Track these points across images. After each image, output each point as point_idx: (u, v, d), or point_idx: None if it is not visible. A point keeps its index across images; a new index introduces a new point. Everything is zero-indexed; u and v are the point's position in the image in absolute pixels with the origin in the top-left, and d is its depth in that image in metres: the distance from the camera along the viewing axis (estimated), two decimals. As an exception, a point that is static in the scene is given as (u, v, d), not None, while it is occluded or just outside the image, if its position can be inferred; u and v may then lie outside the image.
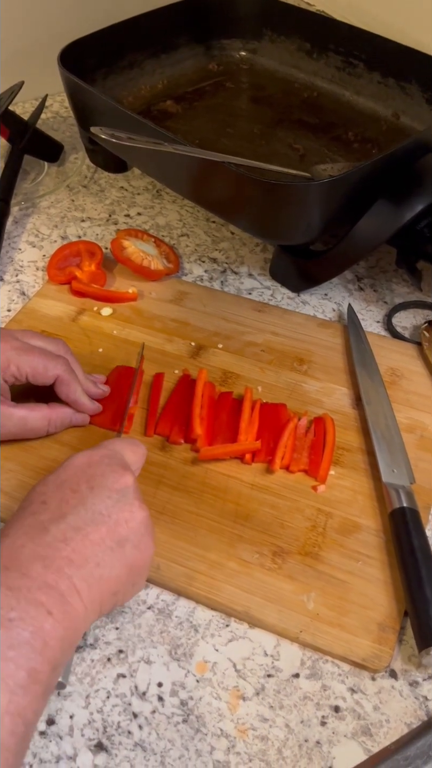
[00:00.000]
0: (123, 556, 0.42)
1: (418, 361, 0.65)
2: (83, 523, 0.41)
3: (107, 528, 0.42)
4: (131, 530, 0.43)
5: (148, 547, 0.44)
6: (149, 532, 0.44)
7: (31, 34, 0.91)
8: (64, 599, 0.38)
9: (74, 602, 0.39)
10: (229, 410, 0.60)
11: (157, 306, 0.70)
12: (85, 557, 0.40)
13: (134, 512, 0.43)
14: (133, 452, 0.48)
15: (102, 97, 0.70)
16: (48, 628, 0.37)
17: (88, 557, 0.40)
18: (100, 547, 0.41)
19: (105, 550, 0.41)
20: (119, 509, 0.43)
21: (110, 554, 0.41)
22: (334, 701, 0.46)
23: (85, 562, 0.40)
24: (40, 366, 0.55)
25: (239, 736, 0.44)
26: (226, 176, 0.61)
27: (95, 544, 0.41)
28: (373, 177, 0.62)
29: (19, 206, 0.82)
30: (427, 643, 0.46)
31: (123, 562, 0.42)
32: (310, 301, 0.72)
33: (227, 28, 0.90)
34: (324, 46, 0.85)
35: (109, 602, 0.42)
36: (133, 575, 0.43)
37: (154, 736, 0.44)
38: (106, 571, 0.41)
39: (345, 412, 0.61)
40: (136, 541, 0.43)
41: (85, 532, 0.41)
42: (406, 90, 0.80)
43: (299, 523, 0.54)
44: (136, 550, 0.43)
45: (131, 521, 0.43)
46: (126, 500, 0.43)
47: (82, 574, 0.39)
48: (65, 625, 0.38)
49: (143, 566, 0.44)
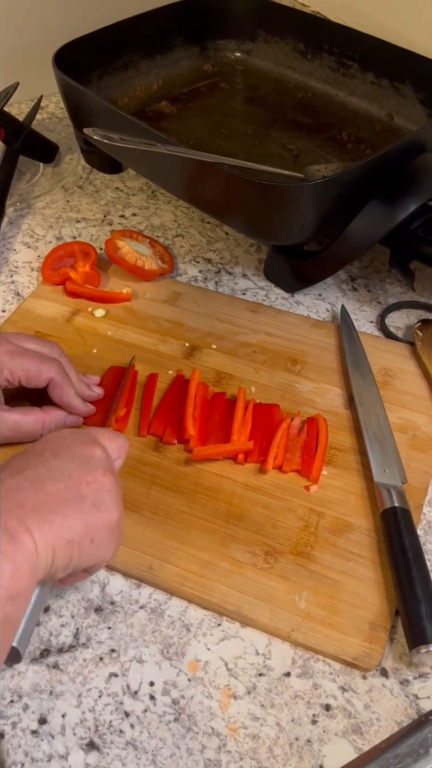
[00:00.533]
0: (79, 508, 0.42)
1: (410, 361, 0.66)
2: (39, 477, 0.42)
3: (65, 484, 0.42)
4: (91, 490, 0.43)
5: (109, 509, 0.43)
6: (114, 498, 0.44)
7: (26, 35, 0.91)
8: (13, 537, 0.38)
9: (24, 540, 0.38)
10: (223, 410, 0.60)
11: (151, 306, 0.70)
12: (38, 502, 0.40)
13: (97, 477, 0.43)
14: (110, 439, 0.48)
15: (96, 98, 0.70)
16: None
17: (40, 503, 0.40)
18: (55, 497, 0.41)
19: (60, 501, 0.41)
20: (81, 472, 0.43)
21: (65, 505, 0.41)
22: (325, 700, 0.46)
23: (37, 507, 0.40)
24: (34, 369, 0.55)
25: (230, 734, 0.45)
26: (219, 177, 0.61)
27: (50, 494, 0.41)
28: (367, 177, 0.62)
29: (14, 207, 0.82)
30: (417, 641, 0.46)
31: (79, 514, 0.41)
32: (304, 301, 0.72)
33: (222, 29, 0.90)
34: (318, 46, 0.85)
35: (63, 551, 0.41)
36: (91, 530, 0.42)
37: (146, 735, 0.44)
38: (58, 518, 0.40)
39: (338, 412, 0.61)
40: (96, 501, 0.42)
41: (41, 484, 0.41)
42: (399, 91, 0.80)
43: (291, 522, 0.54)
44: (95, 508, 0.42)
45: (93, 483, 0.43)
46: (89, 466, 0.43)
47: (33, 516, 0.40)
48: (16, 561, 0.38)
49: (103, 526, 0.43)
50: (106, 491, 0.43)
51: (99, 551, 0.43)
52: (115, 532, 0.44)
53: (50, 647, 0.48)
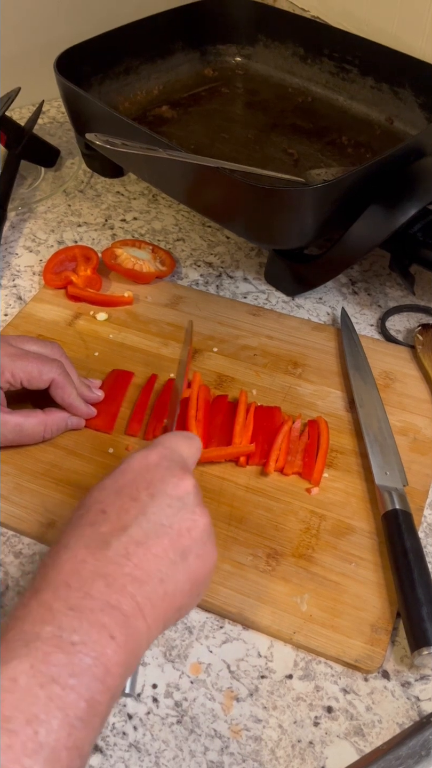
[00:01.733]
0: (186, 568, 0.40)
1: (411, 364, 0.66)
2: (145, 535, 0.39)
3: (170, 539, 0.39)
4: (193, 540, 0.40)
5: (210, 554, 0.41)
6: (211, 538, 0.42)
7: (28, 40, 0.92)
8: (127, 621, 0.36)
9: (137, 623, 0.36)
10: (224, 413, 0.61)
11: (152, 310, 0.70)
12: (149, 573, 0.38)
13: (196, 520, 0.41)
14: (189, 446, 0.45)
15: (97, 102, 0.71)
16: (110, 654, 0.34)
17: (151, 573, 0.38)
18: (164, 560, 0.39)
19: (168, 564, 0.39)
20: (181, 518, 0.40)
21: (174, 568, 0.39)
22: (327, 702, 0.46)
23: (149, 579, 0.38)
24: (35, 371, 0.55)
25: (233, 736, 0.45)
26: (220, 182, 0.62)
27: (158, 557, 0.39)
28: (367, 181, 0.63)
29: (16, 211, 0.82)
30: (419, 644, 0.46)
31: (187, 576, 0.40)
32: (305, 304, 0.72)
33: (222, 34, 0.90)
34: (318, 51, 0.85)
35: (172, 618, 0.39)
36: (197, 586, 0.41)
37: (149, 737, 0.45)
38: (170, 587, 0.38)
39: (339, 415, 0.62)
40: (200, 551, 0.41)
41: (147, 546, 0.39)
42: (399, 95, 0.80)
43: (293, 525, 0.54)
44: (199, 560, 0.40)
45: (193, 530, 0.41)
46: (187, 508, 0.41)
47: (146, 591, 0.37)
48: (128, 648, 0.35)
49: (207, 575, 0.41)
50: (206, 534, 0.41)
51: (199, 600, 0.42)
52: (212, 572, 0.42)
53: (53, 650, 0.48)
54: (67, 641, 0.34)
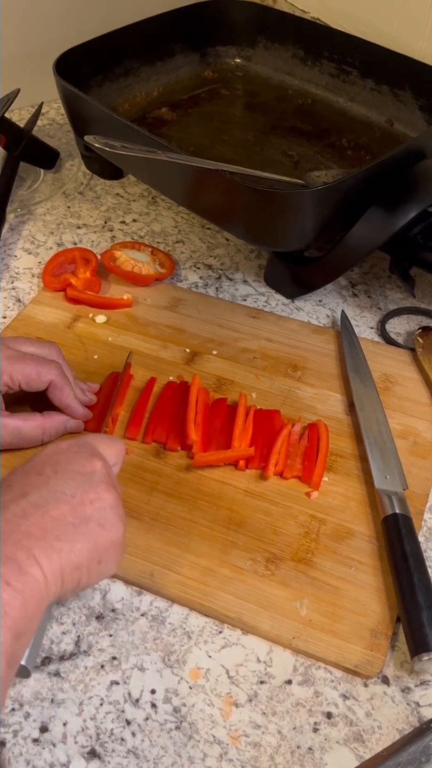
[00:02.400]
0: (86, 531, 0.41)
1: (411, 367, 0.66)
2: (44, 501, 0.41)
3: (69, 506, 0.41)
4: (95, 509, 0.42)
5: (114, 527, 0.43)
6: (117, 514, 0.44)
7: (27, 42, 0.92)
8: (22, 569, 0.38)
9: (33, 572, 0.38)
10: (223, 416, 0.60)
11: (151, 312, 0.70)
12: (45, 530, 0.40)
13: (99, 494, 0.43)
14: (109, 446, 0.47)
15: (96, 104, 0.70)
16: (6, 599, 0.37)
17: (47, 530, 0.40)
18: (61, 521, 0.41)
19: (66, 525, 0.41)
20: (84, 490, 0.43)
21: (72, 529, 0.41)
22: (327, 707, 0.46)
23: (45, 535, 0.40)
24: (33, 372, 0.55)
25: (232, 742, 0.44)
26: (220, 184, 0.62)
27: (56, 519, 0.41)
28: (367, 184, 0.63)
29: (15, 213, 0.82)
30: (419, 649, 0.46)
31: (86, 537, 0.41)
32: (305, 307, 0.72)
33: (222, 36, 0.90)
34: (318, 53, 0.85)
35: (72, 576, 0.41)
36: (98, 552, 0.42)
37: (147, 743, 0.44)
38: (66, 545, 0.40)
39: (339, 418, 0.61)
40: (101, 520, 0.42)
41: (46, 509, 0.41)
42: (399, 97, 0.80)
43: (292, 529, 0.54)
44: (101, 527, 0.42)
45: (96, 501, 0.43)
46: (91, 483, 0.43)
47: (41, 545, 0.39)
48: (25, 595, 0.38)
49: (109, 545, 0.43)
50: (110, 507, 0.43)
51: (106, 570, 0.43)
52: (120, 547, 0.44)
53: (51, 655, 0.48)
54: None
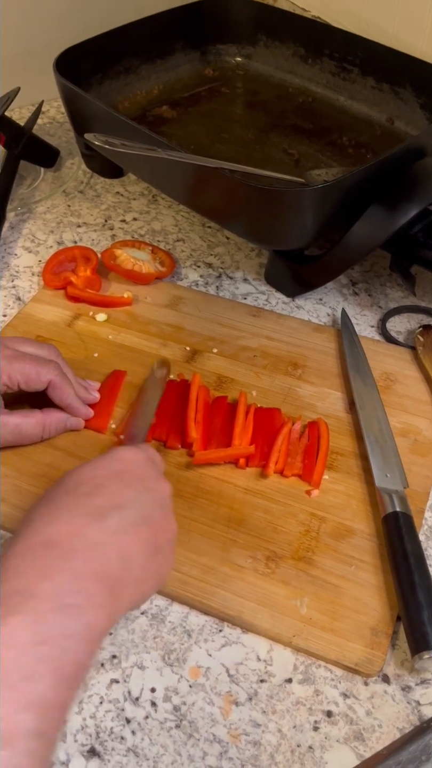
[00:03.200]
0: (155, 562, 0.42)
1: (412, 366, 0.66)
2: (135, 519, 0.41)
3: (152, 531, 0.42)
4: (166, 540, 0.44)
5: (170, 559, 0.44)
6: (174, 545, 0.45)
7: (28, 40, 0.91)
8: (113, 593, 0.38)
9: (120, 597, 0.38)
10: (224, 415, 0.60)
11: (152, 311, 0.70)
12: (132, 555, 0.40)
13: (171, 523, 0.44)
14: (161, 460, 0.49)
15: (97, 103, 0.70)
16: (100, 621, 0.36)
17: (134, 556, 0.40)
18: (145, 549, 0.41)
19: (147, 555, 0.41)
20: (163, 517, 0.44)
21: (148, 558, 0.42)
22: (327, 706, 0.46)
23: (132, 561, 0.40)
24: (32, 372, 0.55)
25: (232, 741, 0.44)
26: (220, 182, 0.61)
27: (141, 544, 0.41)
28: (368, 182, 0.62)
29: (15, 212, 0.82)
30: (419, 647, 0.46)
31: (155, 569, 0.42)
32: (305, 305, 0.72)
33: (223, 34, 0.90)
34: (318, 51, 0.85)
35: (136, 602, 0.42)
36: (157, 582, 0.43)
37: (147, 742, 0.44)
38: (142, 574, 0.41)
39: (339, 416, 0.61)
40: (167, 551, 0.44)
41: (137, 530, 0.41)
42: (400, 95, 0.80)
43: (293, 527, 0.54)
44: (165, 559, 0.43)
45: (168, 532, 0.44)
46: (167, 510, 0.45)
47: (128, 571, 0.40)
48: (110, 620, 0.37)
49: (165, 576, 0.44)
50: (173, 539, 0.45)
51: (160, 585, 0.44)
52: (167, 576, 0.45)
53: (51, 653, 0.48)
54: (63, 603, 0.35)
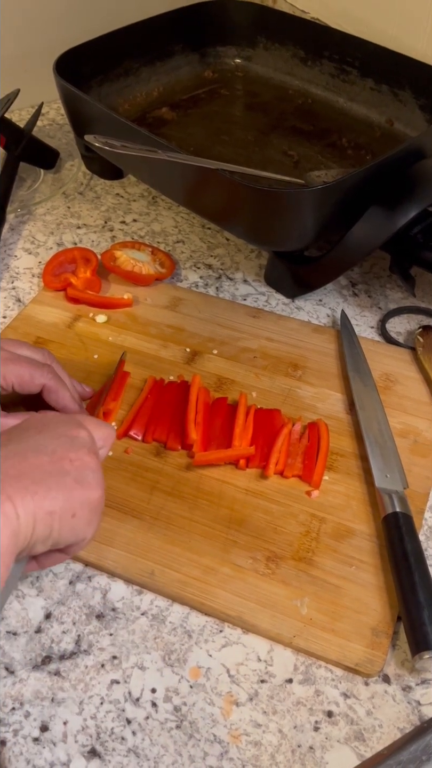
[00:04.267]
0: (62, 482, 0.42)
1: (412, 366, 0.66)
2: (23, 450, 0.42)
3: (49, 459, 0.42)
4: (74, 467, 0.43)
5: (91, 486, 0.43)
6: (96, 478, 0.44)
7: (28, 42, 0.92)
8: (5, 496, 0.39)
9: (6, 509, 0.39)
10: (224, 416, 0.60)
11: (152, 312, 0.70)
12: (21, 472, 0.41)
13: (81, 456, 0.44)
14: (96, 426, 0.48)
15: (97, 104, 0.70)
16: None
17: (23, 472, 0.41)
18: (38, 469, 0.42)
19: (43, 473, 0.41)
20: (65, 449, 0.43)
21: (48, 477, 0.41)
22: (328, 706, 0.46)
23: (20, 476, 0.41)
24: (27, 375, 0.55)
25: (232, 741, 0.44)
26: (220, 183, 0.62)
27: (33, 465, 0.41)
28: (367, 183, 0.63)
29: (15, 213, 0.82)
30: (420, 647, 0.46)
31: (62, 487, 0.42)
32: (305, 306, 0.72)
33: (222, 36, 0.90)
34: (318, 53, 0.85)
35: (44, 521, 0.41)
36: (72, 504, 0.42)
37: (148, 742, 0.44)
38: (41, 488, 0.41)
39: (339, 417, 0.61)
40: (79, 477, 0.43)
41: (25, 456, 0.42)
42: (399, 96, 0.80)
43: (293, 528, 0.54)
44: (78, 483, 0.43)
45: (76, 461, 0.43)
46: (73, 445, 0.44)
47: (15, 485, 0.40)
48: (12, 530, 0.38)
49: (84, 501, 0.43)
50: (89, 470, 0.44)
51: (79, 528, 0.44)
52: (96, 512, 0.44)
53: (51, 654, 0.48)
54: None
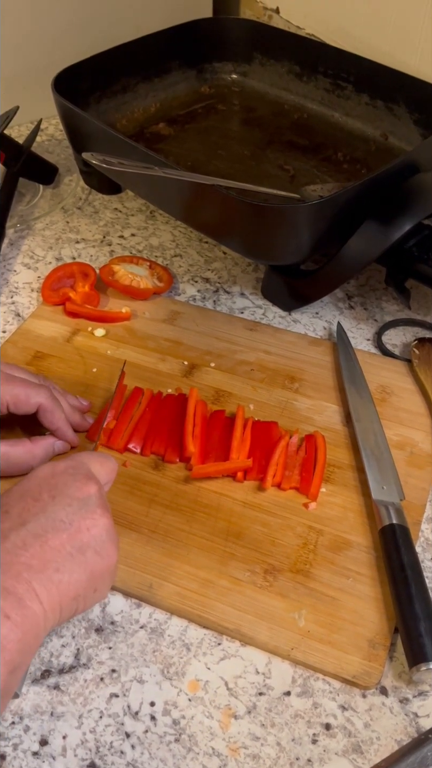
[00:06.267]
0: (84, 561, 0.42)
1: (408, 378, 0.66)
2: (43, 530, 0.42)
3: (68, 534, 0.42)
4: (93, 537, 0.43)
5: (110, 554, 0.44)
6: (112, 539, 0.44)
7: (27, 59, 0.93)
8: (22, 603, 0.39)
9: (33, 606, 0.39)
10: (222, 428, 0.61)
11: (150, 326, 0.71)
12: (44, 562, 0.40)
13: (96, 519, 0.44)
14: (101, 464, 0.48)
15: (95, 121, 0.71)
16: (5, 632, 0.37)
17: (47, 562, 0.41)
18: (60, 552, 0.41)
19: (65, 556, 0.41)
20: (81, 516, 0.43)
21: (70, 560, 0.41)
22: (325, 719, 0.46)
23: (44, 567, 0.40)
24: (22, 394, 0.55)
25: (231, 754, 0.45)
26: (216, 199, 0.62)
27: (55, 549, 0.41)
28: (362, 197, 0.63)
29: (14, 228, 0.83)
30: (417, 659, 0.46)
31: (83, 568, 0.42)
32: (302, 319, 0.73)
33: (218, 52, 0.91)
34: (313, 68, 0.86)
35: (69, 607, 0.42)
36: (95, 581, 0.43)
37: (147, 756, 0.44)
38: (65, 576, 0.41)
39: (336, 429, 0.62)
40: (98, 548, 0.43)
41: (45, 539, 0.41)
42: (393, 111, 0.81)
43: (290, 540, 0.54)
44: (98, 556, 0.43)
45: (93, 528, 0.43)
46: (88, 508, 0.44)
47: (41, 578, 0.40)
48: (23, 628, 0.38)
49: (105, 572, 0.44)
50: (105, 533, 0.44)
51: (100, 596, 0.44)
52: (114, 573, 0.45)
53: (51, 668, 0.48)
54: None
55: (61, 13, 0.92)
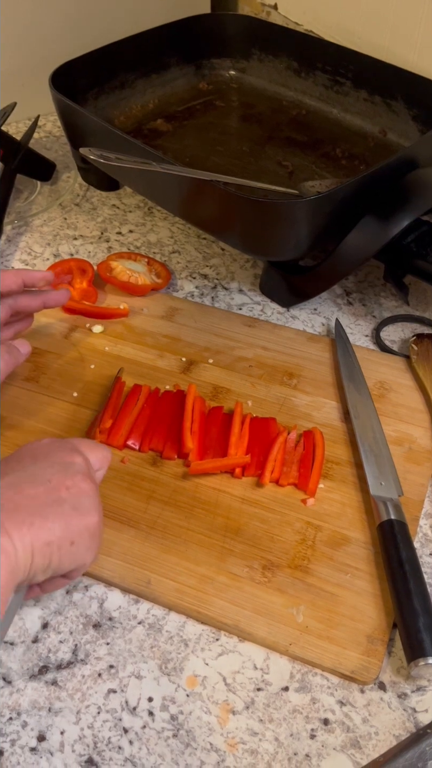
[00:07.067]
0: (60, 512, 0.42)
1: (406, 374, 0.66)
2: (19, 481, 0.42)
3: (45, 488, 0.42)
4: (71, 494, 0.43)
5: (89, 512, 0.44)
6: (93, 503, 0.44)
7: (24, 55, 0.92)
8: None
9: (3, 543, 0.39)
10: (220, 425, 0.61)
11: (148, 322, 0.71)
12: (17, 505, 0.41)
13: (77, 482, 0.44)
14: (92, 449, 0.48)
15: (92, 117, 0.71)
16: None
17: (19, 505, 0.41)
18: (35, 500, 0.42)
19: (39, 504, 0.42)
20: (61, 477, 0.43)
21: (45, 507, 0.42)
22: (324, 714, 0.46)
23: (17, 508, 0.41)
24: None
25: (229, 750, 0.45)
26: (214, 195, 0.62)
27: (30, 497, 0.42)
28: (361, 193, 0.63)
29: (12, 225, 0.83)
30: (415, 654, 0.46)
31: (59, 517, 0.42)
32: (300, 315, 0.73)
33: (217, 48, 0.91)
34: (312, 65, 0.86)
35: (42, 552, 0.41)
36: (71, 533, 0.42)
37: (145, 751, 0.44)
38: (38, 520, 0.41)
39: (334, 425, 0.62)
40: (76, 504, 0.43)
41: (20, 488, 0.42)
42: (392, 107, 0.81)
43: (289, 536, 0.54)
44: (75, 511, 0.43)
45: (72, 488, 0.43)
46: (68, 472, 0.44)
47: (12, 518, 0.40)
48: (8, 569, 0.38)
49: (83, 529, 0.43)
50: (86, 496, 0.44)
51: (79, 554, 0.44)
52: (95, 537, 0.45)
53: (49, 664, 0.48)
54: None
55: (58, 9, 0.92)
